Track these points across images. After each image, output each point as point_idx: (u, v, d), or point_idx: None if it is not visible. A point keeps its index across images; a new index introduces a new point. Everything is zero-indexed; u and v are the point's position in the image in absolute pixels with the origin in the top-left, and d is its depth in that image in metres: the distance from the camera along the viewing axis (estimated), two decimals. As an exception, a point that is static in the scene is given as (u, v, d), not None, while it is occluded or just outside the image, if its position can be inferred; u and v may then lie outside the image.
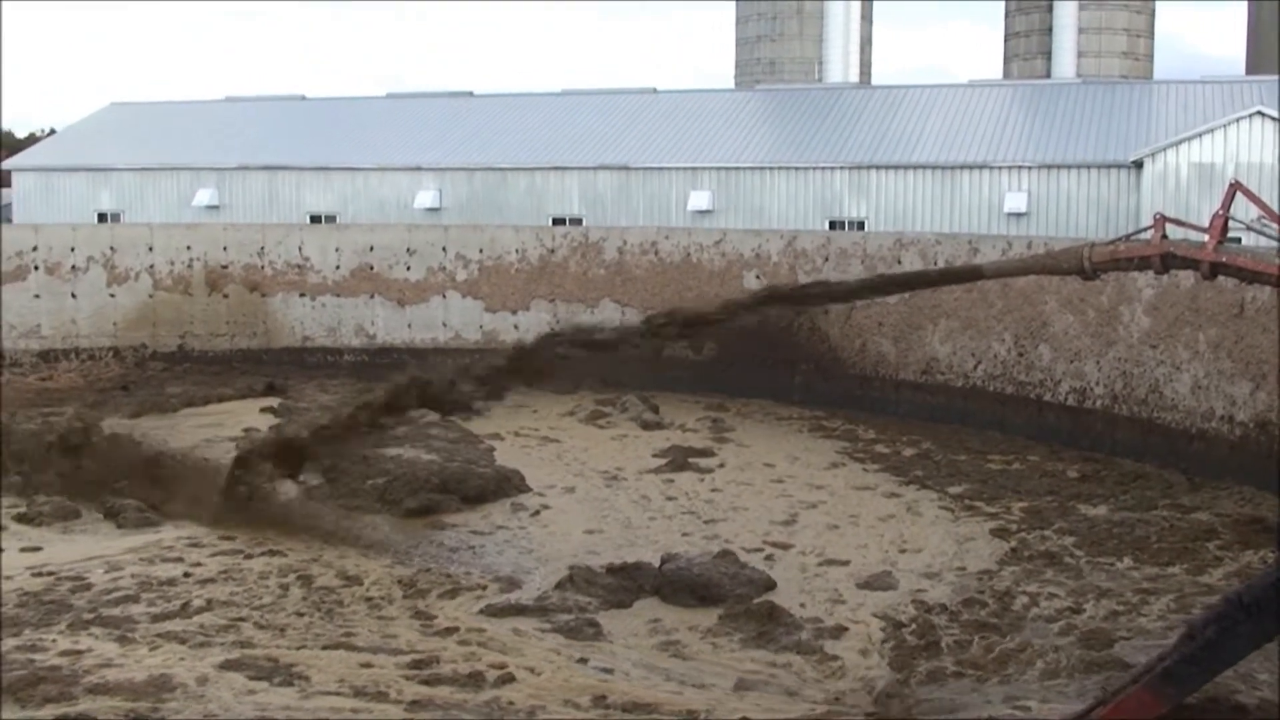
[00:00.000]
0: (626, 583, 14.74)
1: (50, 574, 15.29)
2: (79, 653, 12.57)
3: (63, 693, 11.41)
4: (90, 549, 16.45)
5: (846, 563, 16.23)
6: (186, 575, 15.41)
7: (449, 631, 13.39)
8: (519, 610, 13.97)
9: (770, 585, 14.94)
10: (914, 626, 13.56)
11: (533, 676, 12.00)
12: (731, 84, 62.59)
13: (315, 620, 13.81)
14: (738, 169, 42.22)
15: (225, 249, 32.83)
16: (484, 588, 15.01)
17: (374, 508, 18.73)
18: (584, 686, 11.81)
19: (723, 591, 14.47)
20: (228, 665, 12.14)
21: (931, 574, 15.72)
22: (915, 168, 40.41)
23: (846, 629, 13.57)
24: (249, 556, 16.22)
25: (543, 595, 14.47)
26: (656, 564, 15.35)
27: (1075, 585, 15.11)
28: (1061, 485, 20.65)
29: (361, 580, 15.27)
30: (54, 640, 12.93)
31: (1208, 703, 10.64)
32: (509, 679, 11.87)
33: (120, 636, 13.09)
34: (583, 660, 12.54)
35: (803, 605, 14.31)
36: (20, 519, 17.67)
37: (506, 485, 19.98)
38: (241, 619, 13.81)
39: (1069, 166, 39.10)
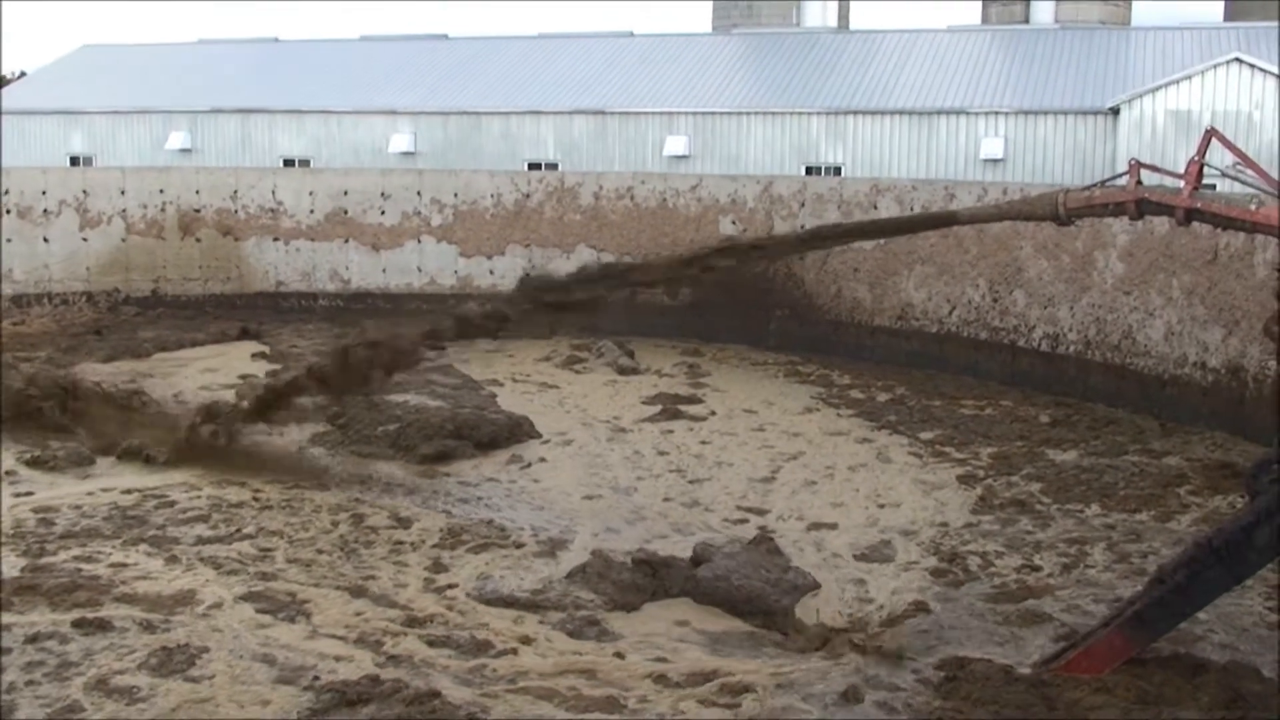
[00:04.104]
0: (643, 580, 13.29)
1: (139, 491, 16.16)
2: (125, 565, 13.27)
3: (91, 599, 12.06)
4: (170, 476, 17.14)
5: (834, 526, 15.86)
6: (255, 499, 16.05)
7: (447, 589, 13.22)
8: (510, 602, 12.88)
9: (812, 587, 13.52)
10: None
11: (540, 659, 11.48)
12: (709, 28, 61.93)
13: (336, 559, 14.01)
14: (714, 114, 41.93)
15: (198, 193, 32.55)
16: (520, 546, 14.76)
17: (387, 454, 18.67)
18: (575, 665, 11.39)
19: (765, 604, 12.91)
20: (248, 595, 12.46)
21: (912, 531, 15.59)
22: (892, 113, 40.22)
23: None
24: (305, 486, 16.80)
25: (542, 589, 13.22)
26: (686, 555, 13.95)
27: (1043, 538, 15.17)
28: (1033, 430, 20.79)
29: (409, 524, 15.31)
30: (109, 553, 13.68)
31: (1171, 659, 10.79)
32: (512, 652, 11.56)
33: (169, 555, 13.70)
34: (619, 655, 11.65)
35: (837, 614, 12.96)
36: (33, 463, 17.53)
37: (518, 431, 20.11)
38: (274, 550, 14.16)
39: (1046, 113, 38.97)
